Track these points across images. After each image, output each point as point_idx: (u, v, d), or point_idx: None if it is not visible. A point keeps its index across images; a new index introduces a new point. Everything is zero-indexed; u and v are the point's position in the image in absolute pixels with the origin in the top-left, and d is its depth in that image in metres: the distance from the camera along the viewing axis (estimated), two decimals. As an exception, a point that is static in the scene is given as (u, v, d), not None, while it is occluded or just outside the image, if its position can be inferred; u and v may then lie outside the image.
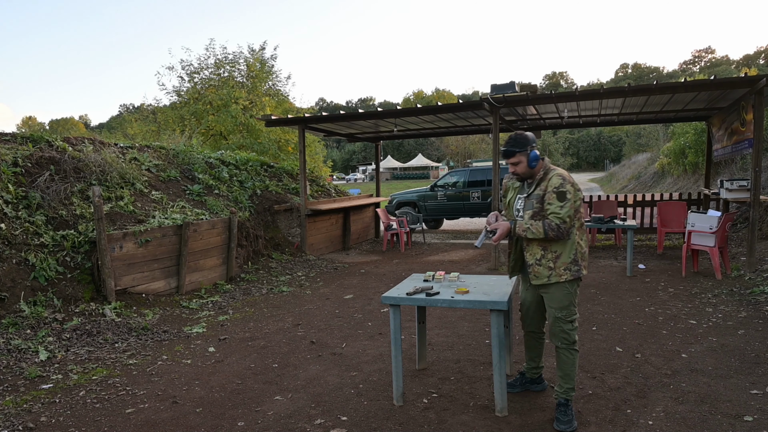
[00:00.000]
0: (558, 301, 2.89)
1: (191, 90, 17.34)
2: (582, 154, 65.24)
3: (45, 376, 3.82)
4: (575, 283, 2.91)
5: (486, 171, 12.25)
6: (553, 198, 2.81)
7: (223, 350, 4.42)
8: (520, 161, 2.92)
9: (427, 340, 4.38)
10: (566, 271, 2.86)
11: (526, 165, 2.92)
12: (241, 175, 9.21)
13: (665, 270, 7.04)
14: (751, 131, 6.64)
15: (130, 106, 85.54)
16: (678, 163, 19.07)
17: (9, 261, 4.84)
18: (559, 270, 2.86)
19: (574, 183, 2.89)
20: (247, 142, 15.41)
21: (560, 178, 2.85)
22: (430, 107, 8.37)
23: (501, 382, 3.00)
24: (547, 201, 2.83)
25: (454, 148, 55.96)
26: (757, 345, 3.99)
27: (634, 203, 10.14)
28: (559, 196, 2.81)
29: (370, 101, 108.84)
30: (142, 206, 6.47)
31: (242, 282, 7.02)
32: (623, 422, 2.89)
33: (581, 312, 5.14)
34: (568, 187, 2.83)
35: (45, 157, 6.11)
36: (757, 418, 2.85)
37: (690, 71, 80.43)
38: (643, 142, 35.44)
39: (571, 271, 2.87)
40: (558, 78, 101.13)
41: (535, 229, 2.82)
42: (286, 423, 3.05)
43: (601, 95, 7.24)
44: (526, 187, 3.04)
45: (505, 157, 2.92)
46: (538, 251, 2.90)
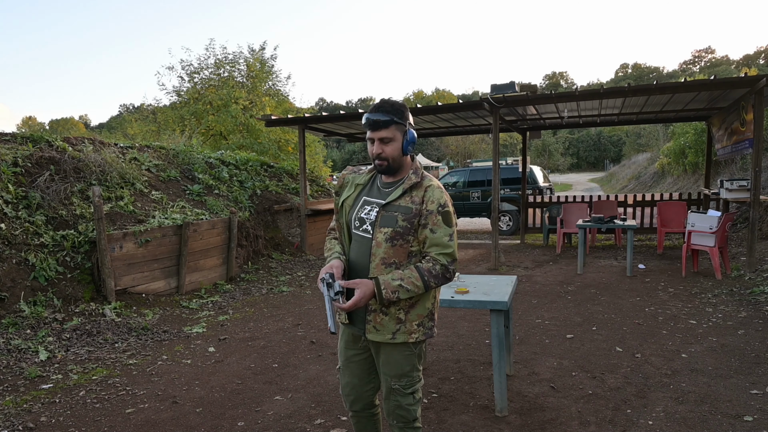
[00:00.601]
0: (396, 367, 1.99)
1: (191, 90, 17.34)
2: (582, 154, 65.23)
3: (45, 376, 3.82)
4: (424, 343, 2.06)
5: (486, 171, 12.25)
6: (439, 221, 1.90)
7: (223, 350, 4.42)
8: (393, 138, 1.94)
9: (427, 340, 4.38)
10: (419, 328, 1.97)
11: (400, 147, 1.96)
12: (241, 175, 9.21)
13: (665, 270, 7.04)
14: (751, 131, 6.65)
15: (130, 106, 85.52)
16: (678, 163, 19.08)
17: (9, 261, 4.85)
18: (410, 325, 1.95)
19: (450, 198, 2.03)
20: (247, 142, 15.41)
21: (441, 191, 1.96)
22: (430, 107, 8.37)
23: (501, 382, 3.00)
24: (428, 225, 1.90)
25: (454, 148, 55.95)
26: (757, 345, 3.99)
27: (634, 203, 10.14)
28: (445, 219, 1.92)
29: (370, 101, 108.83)
30: (142, 206, 6.47)
31: (242, 282, 7.02)
32: (623, 422, 2.89)
33: (581, 312, 5.14)
34: (451, 207, 1.97)
35: (45, 157, 6.11)
36: (757, 418, 2.85)
37: (690, 71, 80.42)
38: (643, 142, 35.47)
39: (425, 328, 1.99)
40: (558, 78, 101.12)
41: (411, 285, 1.85)
42: (286, 423, 3.05)
43: (601, 95, 7.24)
44: (379, 187, 2.04)
45: (374, 128, 1.93)
46: None
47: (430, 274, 1.88)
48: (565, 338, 4.39)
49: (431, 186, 1.96)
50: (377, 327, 1.95)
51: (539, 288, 6.29)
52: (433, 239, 1.90)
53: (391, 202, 1.95)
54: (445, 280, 1.92)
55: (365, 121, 1.94)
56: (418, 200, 1.93)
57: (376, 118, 1.92)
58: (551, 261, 8.12)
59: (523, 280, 6.76)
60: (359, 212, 2.01)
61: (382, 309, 1.93)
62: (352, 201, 2.07)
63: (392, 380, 2.00)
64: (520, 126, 10.56)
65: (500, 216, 10.97)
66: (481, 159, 40.71)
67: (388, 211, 1.94)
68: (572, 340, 4.34)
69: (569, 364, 3.78)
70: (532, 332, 4.58)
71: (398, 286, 1.84)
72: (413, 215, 1.91)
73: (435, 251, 1.90)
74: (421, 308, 1.97)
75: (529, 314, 5.16)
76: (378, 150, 1.94)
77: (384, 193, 2.00)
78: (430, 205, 1.91)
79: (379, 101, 1.98)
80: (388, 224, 1.92)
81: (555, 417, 2.98)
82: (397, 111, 1.94)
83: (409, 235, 1.92)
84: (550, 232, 9.89)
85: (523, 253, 9.01)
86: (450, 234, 1.92)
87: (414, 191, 1.95)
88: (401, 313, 1.95)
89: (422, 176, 1.99)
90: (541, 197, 11.02)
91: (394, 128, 1.93)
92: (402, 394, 2.02)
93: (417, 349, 2.01)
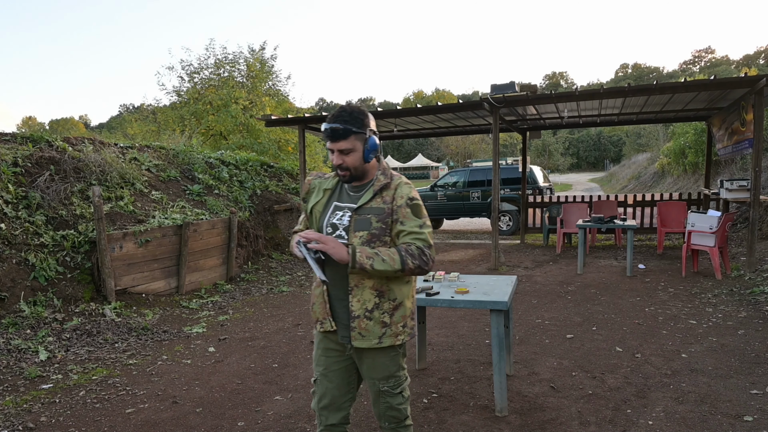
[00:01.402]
0: (383, 370, 1.98)
1: (191, 90, 17.34)
2: (582, 154, 65.24)
3: (45, 376, 3.82)
4: (406, 343, 2.05)
5: (486, 171, 12.24)
6: (408, 213, 1.89)
7: (223, 350, 4.42)
8: (353, 148, 1.89)
9: (427, 340, 4.38)
10: (404, 329, 1.97)
11: (361, 156, 1.91)
12: (241, 175, 9.21)
13: (665, 270, 7.04)
14: (751, 131, 6.65)
15: (130, 106, 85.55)
16: (678, 163, 19.08)
17: (9, 261, 4.85)
18: (395, 327, 1.94)
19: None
20: (247, 142, 15.41)
21: (410, 187, 1.96)
22: (430, 107, 8.37)
23: (501, 382, 3.00)
24: (399, 218, 1.89)
25: (454, 148, 55.99)
26: (757, 345, 3.99)
27: (634, 203, 10.14)
28: (415, 211, 1.90)
29: (370, 101, 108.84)
30: (142, 206, 6.47)
31: (242, 282, 7.02)
32: (623, 422, 2.89)
33: (581, 312, 5.14)
34: (420, 201, 1.95)
35: (45, 157, 6.11)
36: (757, 418, 2.85)
37: (690, 71, 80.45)
38: (643, 142, 35.47)
39: (408, 329, 1.99)
40: (558, 78, 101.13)
41: (387, 257, 1.82)
42: (286, 423, 3.05)
43: (601, 95, 7.24)
44: (348, 192, 2.01)
45: (333, 139, 1.88)
46: (371, 297, 1.90)
47: (407, 252, 1.83)
48: (565, 338, 4.39)
49: (400, 183, 1.96)
50: (362, 333, 1.91)
51: (539, 288, 6.29)
52: (405, 229, 1.88)
53: (363, 205, 1.92)
54: (422, 262, 1.85)
55: (323, 131, 1.89)
56: (389, 199, 1.92)
57: (334, 127, 1.86)
58: (551, 261, 8.12)
59: (523, 280, 6.76)
60: (331, 218, 1.97)
61: (366, 314, 1.90)
62: (322, 207, 2.02)
63: (380, 383, 1.99)
64: (520, 126, 10.56)
65: (500, 216, 10.97)
66: (481, 159, 40.75)
67: (360, 215, 1.91)
68: (572, 340, 4.34)
69: (569, 364, 3.78)
70: (532, 332, 4.59)
71: (374, 253, 1.81)
72: (386, 215, 1.90)
73: (408, 238, 1.87)
74: (403, 309, 1.96)
75: (529, 314, 5.16)
76: (338, 161, 1.90)
77: (354, 197, 1.97)
78: (399, 200, 1.91)
79: (338, 109, 1.91)
80: (362, 228, 1.89)
81: (555, 417, 2.98)
82: (355, 120, 1.88)
83: (385, 236, 1.90)
84: (550, 232, 9.89)
85: (523, 253, 9.01)
86: (420, 224, 1.89)
87: (384, 192, 1.94)
88: (386, 317, 1.92)
89: (391, 176, 1.98)
90: (541, 197, 11.02)
91: (353, 138, 1.88)
92: (392, 395, 2.01)
93: (402, 349, 2.02)
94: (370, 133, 1.92)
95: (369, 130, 1.92)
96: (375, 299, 1.90)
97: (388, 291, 1.92)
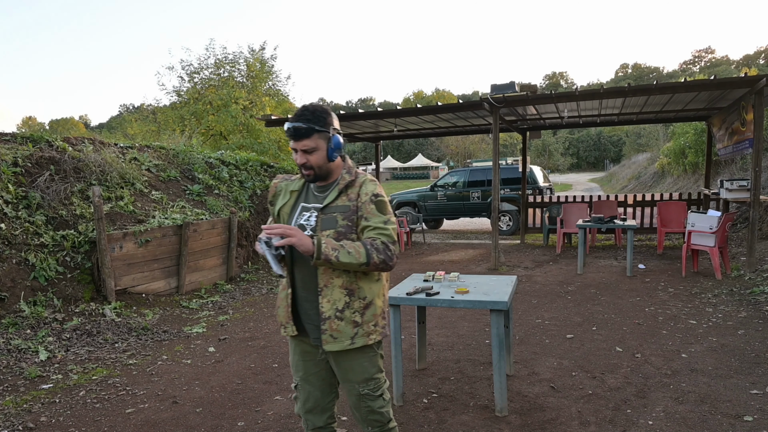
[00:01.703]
0: (362, 371, 1.95)
1: (191, 90, 17.34)
2: (582, 154, 65.25)
3: (45, 376, 3.82)
4: (381, 342, 2.04)
5: (486, 171, 12.24)
6: (372, 209, 1.89)
7: (223, 350, 4.42)
8: (317, 147, 1.88)
9: (427, 340, 4.38)
10: (376, 328, 1.94)
11: (325, 155, 1.91)
12: (241, 175, 9.21)
13: (665, 270, 7.04)
14: (751, 131, 6.65)
15: (130, 106, 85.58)
16: (678, 163, 19.08)
17: (9, 261, 4.85)
18: (367, 326, 1.91)
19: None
20: (247, 142, 15.41)
21: (374, 183, 1.97)
22: (430, 107, 8.37)
23: (501, 382, 3.00)
24: (363, 214, 1.89)
25: (454, 148, 55.99)
26: (757, 345, 3.99)
27: (634, 203, 10.14)
28: (379, 207, 1.90)
29: (370, 101, 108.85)
30: (142, 206, 6.47)
31: (242, 282, 7.02)
32: (623, 422, 2.89)
33: (581, 312, 5.14)
34: (386, 197, 1.97)
35: (45, 157, 6.11)
36: (757, 418, 2.85)
37: (690, 71, 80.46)
38: (643, 142, 35.48)
39: (379, 328, 1.96)
40: (558, 78, 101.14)
41: (353, 249, 1.80)
42: (286, 423, 3.05)
43: (601, 95, 7.24)
44: (314, 192, 2.01)
45: (296, 138, 1.87)
46: (341, 297, 1.88)
47: (372, 246, 1.82)
48: (565, 338, 4.39)
49: (365, 181, 1.96)
50: (334, 335, 1.88)
51: (539, 288, 6.29)
52: (370, 225, 1.88)
53: (329, 204, 1.92)
54: (387, 257, 1.83)
55: (286, 130, 1.88)
56: (354, 196, 1.92)
57: (296, 126, 1.85)
58: (551, 261, 8.12)
59: (523, 280, 6.76)
60: (298, 219, 1.96)
61: (337, 314, 1.87)
62: (290, 209, 2.01)
63: (360, 386, 1.96)
64: (520, 126, 10.56)
65: (500, 216, 10.97)
66: (481, 159, 40.75)
67: (327, 214, 1.91)
68: (572, 340, 4.34)
69: (569, 364, 3.78)
70: (532, 332, 4.59)
71: (339, 245, 1.80)
72: (351, 212, 1.90)
73: (373, 233, 1.86)
74: (374, 308, 1.94)
75: (529, 314, 5.16)
76: (302, 160, 1.89)
77: (320, 197, 1.97)
78: (364, 197, 1.91)
79: (300, 108, 1.91)
80: (329, 226, 1.89)
81: (555, 417, 2.98)
82: (318, 118, 1.87)
83: (352, 233, 1.89)
84: (550, 232, 9.89)
85: (523, 253, 9.01)
86: (385, 220, 1.89)
87: (349, 190, 1.94)
88: (357, 316, 1.89)
89: (356, 174, 1.98)
90: (541, 197, 11.02)
91: (316, 137, 1.87)
92: (373, 398, 1.97)
93: (379, 349, 2.01)
94: (334, 131, 1.92)
95: (332, 129, 1.91)
96: (345, 298, 1.88)
97: (358, 289, 1.89)
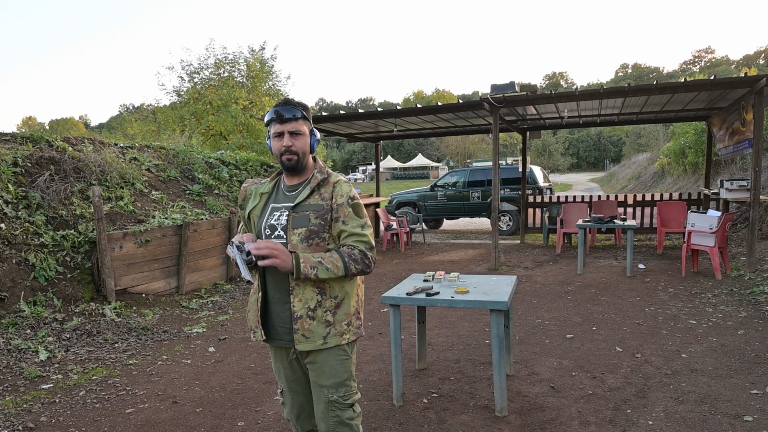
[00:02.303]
0: (333, 375, 1.90)
1: (191, 90, 17.36)
2: (582, 154, 65.25)
3: (45, 376, 3.82)
4: (354, 344, 1.99)
5: (486, 171, 12.24)
6: (350, 213, 1.88)
7: (223, 350, 4.42)
8: (303, 133, 1.92)
9: (427, 340, 4.38)
10: (349, 328, 1.92)
11: (308, 143, 1.94)
12: (241, 175, 9.21)
13: (665, 270, 7.04)
14: (751, 131, 6.65)
15: (130, 106, 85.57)
16: (678, 163, 19.09)
17: (9, 261, 4.85)
18: (340, 326, 1.89)
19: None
20: (247, 142, 15.42)
21: (349, 185, 1.95)
22: (430, 107, 8.36)
23: (501, 382, 3.00)
24: (340, 217, 1.88)
25: (454, 148, 55.98)
26: (757, 345, 3.99)
27: (634, 203, 10.13)
28: (356, 210, 1.90)
29: (370, 101, 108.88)
30: (142, 206, 6.47)
31: (242, 282, 7.02)
32: (623, 422, 2.89)
33: (581, 312, 5.14)
34: (360, 201, 1.96)
35: (45, 157, 6.11)
36: (757, 418, 2.85)
37: (690, 71, 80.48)
38: (643, 142, 35.47)
39: (353, 328, 1.94)
40: (558, 78, 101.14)
41: (331, 264, 1.80)
42: (286, 423, 3.05)
43: (601, 95, 7.24)
44: (284, 192, 1.99)
45: (284, 120, 1.89)
46: (312, 295, 1.86)
47: (350, 257, 1.83)
48: (565, 338, 4.39)
49: (339, 181, 1.95)
50: (306, 335, 1.86)
51: (539, 288, 6.29)
52: (347, 230, 1.87)
53: (301, 202, 1.91)
54: (364, 266, 1.86)
55: (274, 115, 1.90)
56: (328, 196, 1.91)
57: (286, 108, 1.89)
58: (551, 261, 8.12)
59: (523, 280, 6.76)
60: (269, 220, 1.95)
61: (309, 314, 1.86)
62: (260, 211, 2.00)
63: (329, 391, 1.90)
64: (520, 126, 10.56)
65: (500, 216, 10.98)
66: (481, 159, 40.76)
67: (298, 212, 1.90)
68: (572, 340, 4.34)
69: (569, 364, 3.78)
70: (532, 332, 4.58)
71: (318, 262, 1.79)
72: (325, 211, 1.88)
73: (351, 240, 1.87)
74: (347, 307, 1.92)
75: (529, 314, 5.16)
76: (288, 142, 1.89)
77: (291, 196, 1.96)
78: (340, 199, 1.89)
79: (284, 99, 1.96)
80: (301, 224, 1.87)
81: (555, 417, 2.98)
82: (304, 107, 1.94)
83: (324, 233, 1.88)
84: (550, 232, 9.89)
85: (523, 253, 9.01)
86: (362, 224, 1.89)
87: (322, 188, 1.93)
88: (329, 315, 1.88)
89: (328, 173, 1.98)
90: (541, 197, 11.02)
91: (302, 122, 1.91)
92: (342, 407, 1.91)
93: (351, 353, 1.96)
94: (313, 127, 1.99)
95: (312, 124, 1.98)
96: (317, 296, 1.86)
97: (329, 288, 1.88)
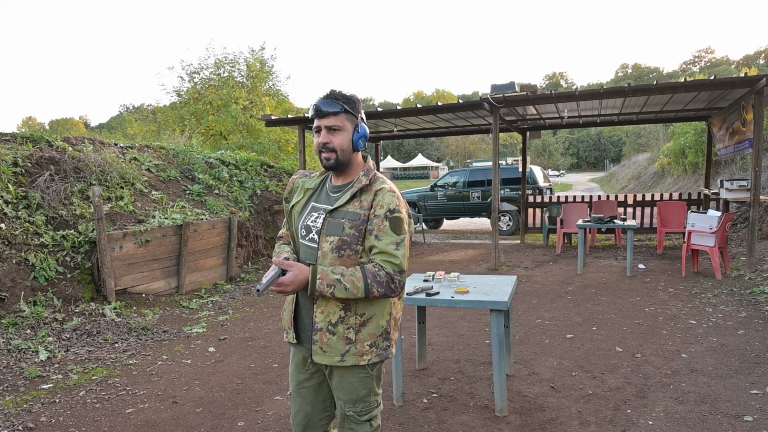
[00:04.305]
0: (350, 391, 1.79)
1: (191, 90, 17.36)
2: (582, 154, 65.28)
3: (45, 376, 3.82)
4: (379, 365, 1.83)
5: (486, 171, 12.24)
6: (385, 227, 1.68)
7: (223, 350, 4.42)
8: (343, 127, 1.73)
9: (427, 340, 4.38)
10: (372, 349, 1.75)
11: (350, 140, 1.75)
12: (241, 175, 9.21)
13: (665, 270, 7.04)
14: (751, 131, 6.65)
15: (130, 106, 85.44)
16: (678, 163, 19.09)
17: (9, 261, 4.84)
18: (361, 345, 1.74)
19: (406, 204, 1.80)
20: (247, 142, 15.42)
21: (393, 195, 1.73)
22: (430, 107, 8.36)
23: (501, 382, 3.00)
24: (374, 231, 1.69)
25: (454, 148, 56.00)
26: (757, 345, 3.99)
27: (634, 203, 10.13)
28: (393, 225, 1.69)
29: (370, 101, 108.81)
30: (142, 206, 6.47)
31: (242, 282, 7.02)
32: (623, 422, 2.89)
33: (581, 312, 5.14)
34: (404, 213, 1.74)
35: (45, 157, 6.11)
36: (757, 418, 2.85)
37: (690, 71, 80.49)
38: (643, 142, 35.49)
39: (378, 349, 1.77)
40: (558, 78, 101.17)
41: (351, 284, 1.64)
42: (286, 423, 3.05)
43: (601, 95, 7.24)
44: (328, 191, 1.84)
45: (321, 114, 1.72)
46: (335, 310, 1.72)
47: (374, 278, 1.64)
48: (565, 338, 4.39)
49: (382, 189, 1.74)
50: (324, 348, 1.73)
51: (539, 288, 6.29)
52: (378, 247, 1.67)
53: (339, 207, 1.73)
54: (389, 290, 1.67)
55: (313, 110, 1.73)
56: (367, 205, 1.71)
57: (322, 102, 1.72)
58: (551, 261, 8.12)
59: (523, 280, 6.76)
60: (306, 220, 1.81)
61: (329, 328, 1.71)
62: (301, 207, 1.86)
63: (346, 406, 1.80)
64: (520, 126, 10.56)
65: (500, 216, 10.98)
66: (481, 159, 40.76)
67: (334, 218, 1.72)
68: (572, 340, 4.34)
69: (569, 364, 3.78)
70: (532, 332, 4.58)
71: (336, 280, 1.63)
72: (361, 221, 1.70)
73: (380, 258, 1.67)
74: (374, 327, 1.74)
75: (529, 314, 5.16)
76: (324, 139, 1.72)
77: (332, 198, 1.79)
78: (378, 210, 1.69)
79: (329, 90, 1.77)
80: (334, 232, 1.70)
81: (555, 417, 2.98)
82: (348, 100, 1.74)
83: (358, 245, 1.70)
84: (550, 232, 9.89)
85: (523, 253, 9.01)
86: (397, 242, 1.68)
87: (363, 195, 1.74)
88: (351, 333, 1.72)
89: (373, 178, 1.77)
90: (541, 197, 11.02)
91: (344, 117, 1.72)
92: (357, 422, 1.80)
93: (374, 371, 1.81)
94: (362, 120, 1.78)
95: (360, 117, 1.77)
96: (340, 312, 1.71)
97: (354, 305, 1.72)
